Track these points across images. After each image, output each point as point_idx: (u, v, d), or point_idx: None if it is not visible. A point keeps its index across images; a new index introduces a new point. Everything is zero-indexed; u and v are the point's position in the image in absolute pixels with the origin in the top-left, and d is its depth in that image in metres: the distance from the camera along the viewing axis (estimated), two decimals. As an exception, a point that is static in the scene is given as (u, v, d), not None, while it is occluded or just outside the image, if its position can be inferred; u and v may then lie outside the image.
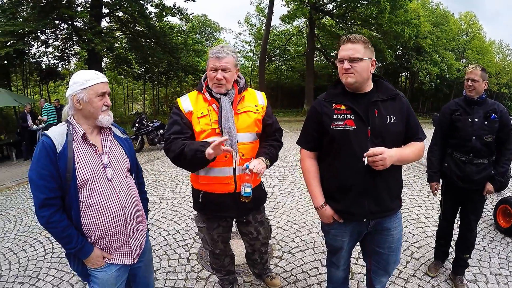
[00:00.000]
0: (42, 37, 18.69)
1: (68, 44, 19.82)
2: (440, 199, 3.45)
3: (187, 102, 2.40)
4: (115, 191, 1.93)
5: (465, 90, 3.07)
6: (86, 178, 1.83)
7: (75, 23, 17.03)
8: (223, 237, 2.68)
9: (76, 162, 1.82)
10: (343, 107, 2.07)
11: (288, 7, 23.59)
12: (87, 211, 1.86)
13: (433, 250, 3.70)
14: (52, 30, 17.77)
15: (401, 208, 2.35)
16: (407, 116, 2.11)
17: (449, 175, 3.14)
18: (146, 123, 11.65)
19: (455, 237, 3.55)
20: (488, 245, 4.11)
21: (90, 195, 1.85)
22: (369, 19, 22.29)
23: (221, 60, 2.28)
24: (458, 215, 3.35)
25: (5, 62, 16.96)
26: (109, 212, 1.89)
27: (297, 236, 4.33)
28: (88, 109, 1.88)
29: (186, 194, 6.17)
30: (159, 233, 4.54)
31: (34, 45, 19.14)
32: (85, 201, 1.85)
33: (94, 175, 1.86)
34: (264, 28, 27.72)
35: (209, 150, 1.98)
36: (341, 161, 2.07)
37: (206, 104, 2.36)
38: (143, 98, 28.61)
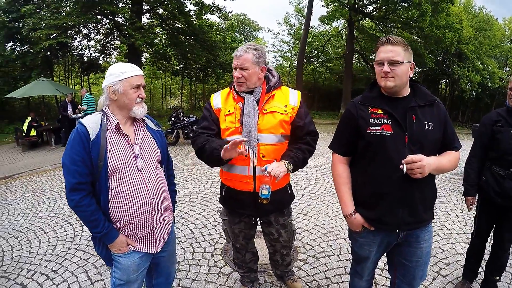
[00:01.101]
0: (85, 31, 19.50)
1: (109, 39, 20.58)
2: (474, 214, 3.24)
3: (218, 99, 2.44)
4: (144, 181, 1.98)
5: (507, 100, 2.89)
6: (116, 166, 1.88)
7: (116, 18, 17.49)
8: (245, 233, 2.68)
9: (108, 151, 1.88)
10: (380, 111, 2.00)
11: (328, 7, 23.26)
12: (115, 198, 1.92)
13: (462, 268, 3.49)
14: (94, 24, 18.37)
15: (433, 221, 2.24)
16: (444, 124, 2.03)
17: (486, 189, 2.94)
18: (182, 118, 11.84)
19: (486, 256, 3.35)
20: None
21: (120, 183, 1.91)
22: (410, 22, 21.58)
23: (238, 59, 2.28)
24: (492, 233, 3.13)
25: (49, 53, 17.71)
26: (137, 201, 1.94)
27: (324, 241, 4.25)
28: (123, 100, 1.94)
29: (216, 190, 6.22)
30: (187, 225, 4.61)
31: (76, 38, 19.98)
32: (114, 189, 1.90)
33: (124, 164, 1.91)
34: (302, 28, 27.49)
35: (223, 152, 2.00)
36: (376, 167, 1.99)
37: (234, 102, 2.37)
38: (180, 93, 29.10)
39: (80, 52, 22.03)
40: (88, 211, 1.86)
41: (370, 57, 30.26)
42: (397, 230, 2.05)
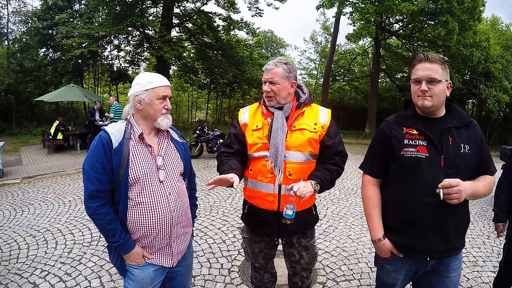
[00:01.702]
0: (115, 42, 20.30)
1: (139, 50, 21.24)
2: (504, 242, 3.05)
3: (246, 114, 2.40)
4: (166, 193, 1.94)
5: None
6: (138, 176, 1.85)
7: (146, 31, 18.04)
8: (264, 253, 2.57)
9: (130, 160, 1.85)
10: (415, 132, 1.91)
11: (354, 26, 23.21)
12: (134, 208, 1.88)
13: None
14: (124, 36, 19.09)
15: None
16: (480, 146, 1.93)
17: None
18: (207, 131, 11.90)
19: None
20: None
21: (140, 193, 1.87)
22: (437, 40, 21.20)
23: (268, 72, 2.24)
24: None
25: (80, 61, 18.30)
26: (156, 213, 1.90)
27: (345, 264, 4.10)
28: (148, 110, 1.92)
29: (237, 205, 6.17)
30: (205, 240, 4.56)
31: (107, 48, 20.79)
32: (134, 199, 1.87)
33: (146, 174, 1.88)
34: (329, 46, 27.54)
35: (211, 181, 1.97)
36: (409, 191, 1.89)
37: (263, 118, 2.31)
38: (206, 107, 29.44)
39: (110, 61, 22.82)
40: (105, 220, 1.83)
41: (396, 76, 29.96)
42: (428, 258, 1.94)
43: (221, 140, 11.73)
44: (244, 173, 2.36)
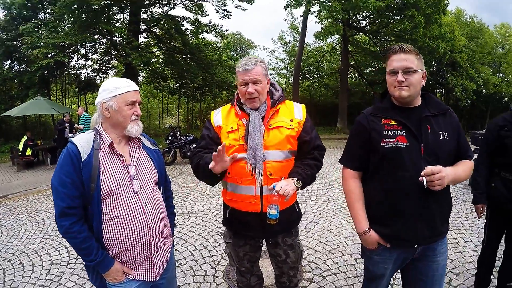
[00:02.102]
0: (82, 50, 19.73)
1: (106, 58, 20.74)
2: (484, 223, 3.16)
3: (219, 116, 2.32)
4: (141, 204, 1.85)
5: None
6: (110, 189, 1.75)
7: (113, 38, 17.74)
8: (250, 256, 2.52)
9: (101, 172, 1.75)
10: (393, 122, 1.92)
11: (322, 24, 23.53)
12: (109, 223, 1.78)
13: (473, 277, 3.43)
14: (91, 44, 18.61)
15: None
16: (458, 133, 1.97)
17: (496, 196, 2.86)
18: (179, 137, 11.81)
19: (497, 263, 3.26)
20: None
21: (114, 207, 1.77)
22: (403, 34, 21.79)
23: (249, 73, 2.14)
24: (502, 240, 3.06)
25: (46, 72, 17.79)
26: (133, 226, 1.80)
27: (329, 258, 4.12)
28: (117, 118, 1.82)
29: (216, 209, 6.08)
30: (186, 247, 4.46)
31: (73, 58, 20.21)
32: (108, 213, 1.77)
33: (119, 186, 1.78)
34: (297, 45, 27.79)
35: (211, 164, 1.88)
36: (392, 181, 1.90)
37: (237, 119, 2.25)
38: (177, 112, 29.13)
39: (77, 71, 22.20)
40: (79, 238, 1.72)
41: (365, 71, 30.55)
42: (415, 246, 1.95)
43: (194, 145, 11.65)
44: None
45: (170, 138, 11.70)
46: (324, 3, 20.97)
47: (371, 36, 25.52)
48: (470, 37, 30.70)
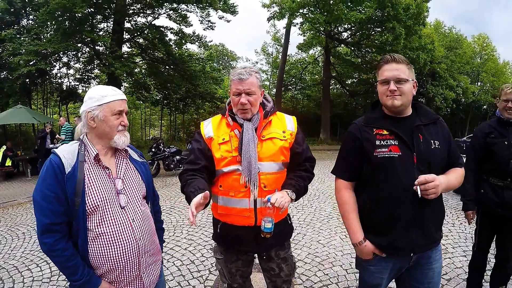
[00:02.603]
0: (64, 59, 19.47)
1: (89, 67, 20.41)
2: (475, 228, 3.19)
3: (209, 127, 2.23)
4: (129, 220, 1.74)
5: (501, 111, 2.89)
6: (96, 204, 1.64)
7: (96, 47, 17.54)
8: (242, 272, 2.43)
9: (86, 186, 1.64)
10: (385, 132, 1.92)
11: (304, 36, 23.84)
12: (95, 240, 1.66)
13: (464, 282, 3.50)
14: (74, 52, 18.36)
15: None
16: (448, 141, 2.00)
17: (486, 202, 2.92)
18: (162, 149, 11.61)
19: (489, 266, 3.31)
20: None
21: (100, 223, 1.66)
22: (384, 46, 22.30)
23: (244, 83, 2.08)
24: (493, 244, 3.12)
25: (27, 80, 17.44)
26: (121, 244, 1.69)
27: (319, 270, 4.06)
28: (103, 128, 1.72)
29: (201, 222, 5.94)
30: (173, 262, 4.31)
31: (56, 66, 19.84)
32: (94, 230, 1.66)
33: (105, 201, 1.67)
34: (280, 57, 28.05)
35: (191, 207, 1.73)
36: (386, 191, 1.89)
37: (229, 130, 2.18)
38: (160, 124, 28.89)
39: (59, 80, 21.77)
40: (64, 256, 1.61)
41: (347, 82, 31.03)
42: (411, 254, 1.95)
43: (178, 157, 11.55)
44: (212, 190, 2.22)
45: (153, 150, 11.48)
46: (307, 15, 21.35)
47: (352, 48, 26.05)
48: (449, 48, 31.78)
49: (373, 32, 23.32)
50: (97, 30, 17.34)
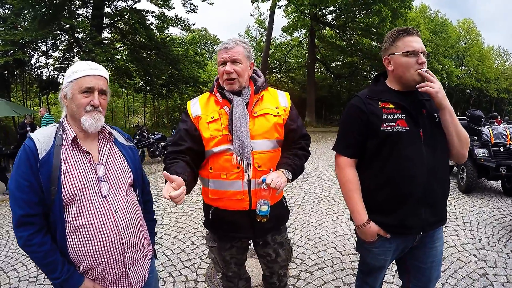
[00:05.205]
0: (43, 48, 18.78)
1: (69, 55, 19.78)
2: None
3: (197, 106, 2.07)
4: (111, 210, 1.56)
5: None
6: (73, 192, 1.47)
7: (75, 34, 17.01)
8: (236, 259, 2.30)
9: (62, 172, 1.46)
10: (391, 106, 1.82)
11: (289, 18, 23.63)
12: (74, 234, 1.49)
13: (458, 261, 3.72)
14: (52, 41, 17.81)
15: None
16: None
17: None
18: (147, 135, 11.37)
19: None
20: (512, 251, 4.06)
21: (78, 214, 1.49)
22: (370, 28, 22.27)
23: (229, 51, 1.94)
24: None
25: (5, 72, 16.85)
26: (102, 237, 1.51)
27: (313, 253, 3.99)
28: (71, 107, 1.55)
29: (190, 209, 5.79)
30: (163, 252, 4.15)
31: (34, 56, 19.17)
32: (72, 222, 1.49)
33: (84, 189, 1.50)
34: (264, 40, 27.77)
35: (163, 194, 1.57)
36: (393, 167, 1.79)
37: (218, 107, 2.01)
38: (143, 111, 28.44)
39: (38, 70, 21.04)
40: (41, 252, 1.45)
41: (332, 65, 30.99)
42: (421, 233, 1.87)
43: (162, 143, 11.38)
44: (201, 174, 2.07)
45: (137, 137, 11.20)
46: (292, -3, 21.04)
47: (337, 31, 25.98)
48: (434, 32, 32.25)
49: (358, 15, 23.26)
50: (76, 16, 16.82)
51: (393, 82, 1.88)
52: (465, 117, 8.38)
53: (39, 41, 16.68)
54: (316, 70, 30.45)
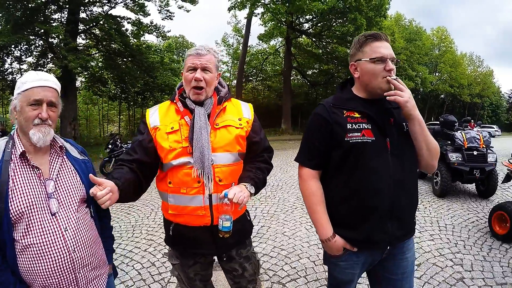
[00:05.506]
0: (16, 53, 18.40)
1: (42, 62, 19.36)
2: None
3: (155, 116, 1.98)
4: (60, 229, 1.48)
5: None
6: (21, 210, 1.39)
7: (50, 39, 16.68)
8: (201, 275, 2.21)
9: (10, 189, 1.39)
10: (357, 115, 1.74)
11: (266, 26, 23.77)
12: (23, 253, 1.41)
13: (434, 266, 3.69)
14: (26, 46, 17.49)
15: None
16: None
17: None
18: (120, 145, 11.03)
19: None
20: (488, 254, 4.07)
21: (27, 233, 1.41)
22: (345, 36, 22.63)
23: (201, 57, 1.87)
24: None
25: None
26: (51, 257, 1.44)
27: (286, 264, 3.92)
28: (20, 120, 1.49)
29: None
30: (132, 266, 4.02)
31: (7, 61, 18.81)
32: (21, 241, 1.41)
33: (32, 207, 1.42)
34: (241, 48, 27.90)
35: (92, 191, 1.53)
36: (358, 180, 1.71)
37: (178, 117, 1.94)
38: (118, 119, 27.99)
39: (12, 76, 20.35)
40: None
41: (308, 72, 31.34)
42: (387, 247, 1.80)
43: (136, 153, 11.07)
44: (160, 188, 1.99)
45: (110, 146, 10.87)
46: (269, 6, 21.26)
47: (313, 39, 26.31)
48: (408, 40, 33.25)
49: (334, 23, 23.67)
50: (51, 21, 16.44)
51: (360, 90, 1.81)
52: (438, 122, 8.55)
53: (13, 46, 16.37)
54: (292, 77, 30.72)
